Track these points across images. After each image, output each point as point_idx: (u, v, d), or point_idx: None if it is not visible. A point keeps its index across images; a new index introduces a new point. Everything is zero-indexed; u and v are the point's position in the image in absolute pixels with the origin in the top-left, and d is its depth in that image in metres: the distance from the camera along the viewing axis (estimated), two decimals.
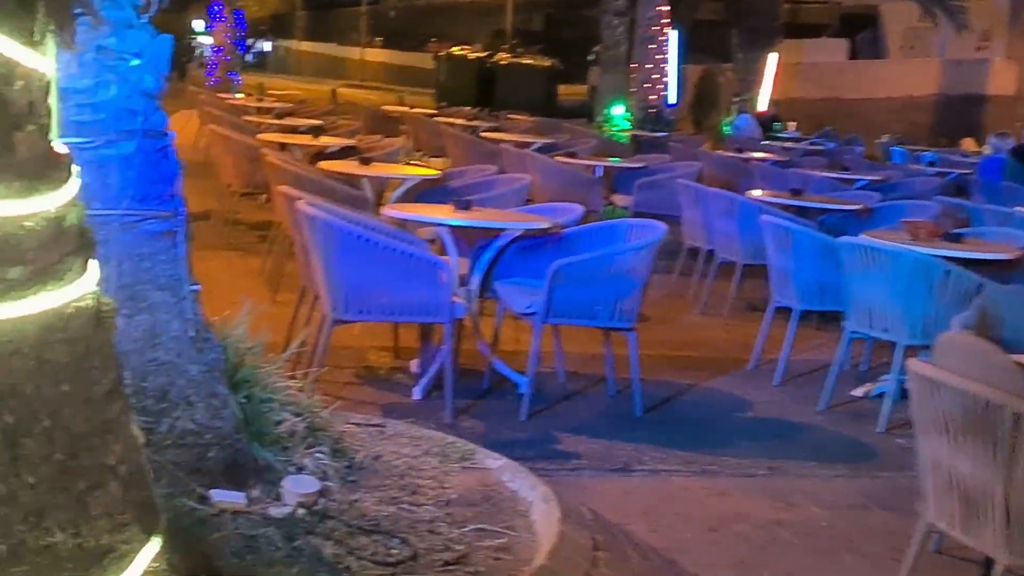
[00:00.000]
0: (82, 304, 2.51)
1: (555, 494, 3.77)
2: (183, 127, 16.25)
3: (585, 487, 4.80)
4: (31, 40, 2.35)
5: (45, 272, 2.43)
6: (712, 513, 4.68)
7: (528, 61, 28.01)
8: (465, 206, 6.06)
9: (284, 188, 6.33)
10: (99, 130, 3.42)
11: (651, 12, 16.64)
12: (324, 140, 10.28)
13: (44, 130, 2.44)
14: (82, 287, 2.52)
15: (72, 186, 2.50)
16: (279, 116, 13.06)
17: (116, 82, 3.40)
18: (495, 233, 6.01)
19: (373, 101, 24.27)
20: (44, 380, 2.45)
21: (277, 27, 46.49)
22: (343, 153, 9.87)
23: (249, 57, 38.70)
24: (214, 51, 21.58)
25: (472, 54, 28.76)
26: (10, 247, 2.36)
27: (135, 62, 3.43)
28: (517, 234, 6.03)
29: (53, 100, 2.51)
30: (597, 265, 5.67)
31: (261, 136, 10.27)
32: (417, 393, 5.82)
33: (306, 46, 47.39)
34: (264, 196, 10.71)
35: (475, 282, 5.94)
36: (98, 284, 2.61)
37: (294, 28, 46.91)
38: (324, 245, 5.35)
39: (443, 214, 5.98)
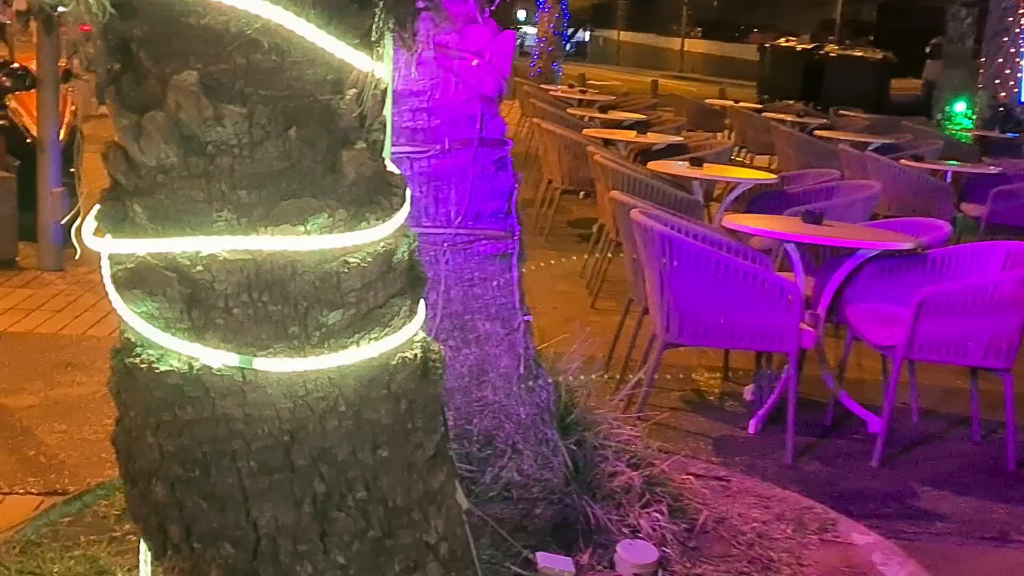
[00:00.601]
0: (408, 354, 2.11)
1: None
2: (504, 117, 16.23)
3: (954, 558, 4.11)
4: (367, 40, 1.96)
5: (369, 316, 2.04)
6: None
7: (859, 53, 26.53)
8: (816, 219, 5.42)
9: (616, 193, 5.89)
10: (433, 138, 3.05)
11: (1006, 3, 15.27)
12: (651, 137, 9.80)
13: (376, 147, 2.05)
14: (409, 333, 2.12)
15: (403, 213, 2.10)
16: (603, 110, 12.66)
17: (454, 84, 3.02)
18: (849, 251, 5.35)
19: (693, 93, 23.65)
20: (362, 444, 2.06)
21: (598, 16, 46.48)
22: (669, 151, 9.38)
23: (567, 47, 38.83)
24: (537, 41, 21.56)
25: (799, 46, 27.54)
26: (330, 287, 1.98)
27: (475, 62, 3.04)
28: (873, 254, 5.34)
29: (387, 110, 2.12)
30: (971, 295, 4.91)
31: (586, 131, 9.90)
32: (752, 427, 5.25)
33: (625, 36, 47.16)
34: (582, 192, 10.37)
35: (823, 306, 5.30)
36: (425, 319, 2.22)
37: (615, 17, 46.71)
38: (659, 260, 4.86)
39: (790, 228, 5.36)
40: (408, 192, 2.12)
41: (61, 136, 7.38)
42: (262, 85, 1.92)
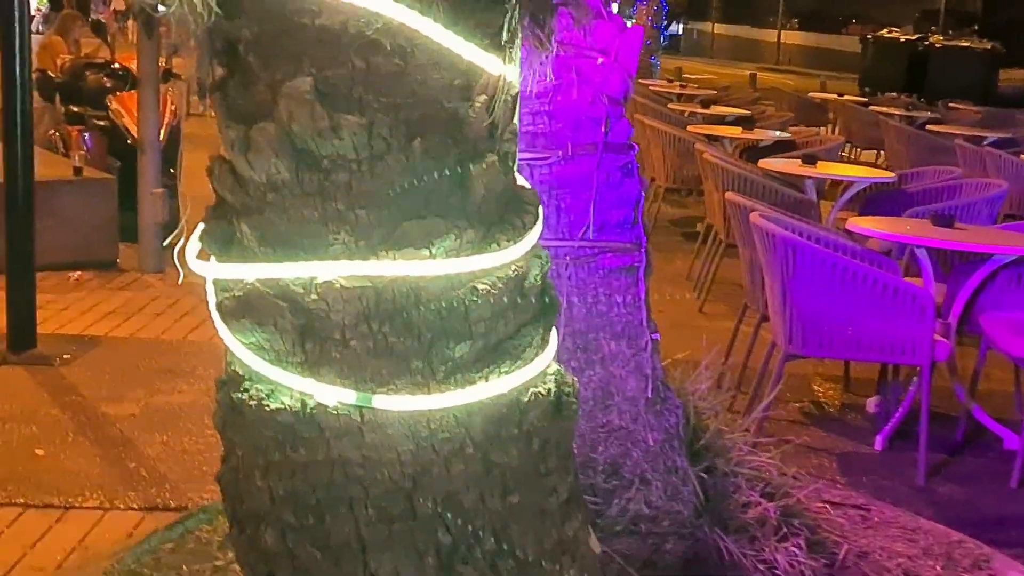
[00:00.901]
0: (541, 389, 1.89)
1: None
2: None
3: None
4: (497, 41, 1.75)
5: (498, 348, 1.82)
6: None
7: (965, 44, 25.77)
8: (946, 222, 5.10)
9: (732, 195, 5.62)
10: (554, 143, 2.84)
11: None
12: (757, 133, 9.48)
13: (507, 159, 1.83)
14: (541, 365, 1.91)
15: (536, 232, 1.89)
16: (704, 104, 12.35)
17: (577, 84, 2.80)
18: (980, 256, 5.02)
19: (791, 86, 23.10)
20: (490, 489, 1.85)
21: (692, 9, 45.95)
22: (775, 147, 9.06)
23: (663, 40, 38.31)
24: None
25: (903, 37, 26.85)
26: (457, 317, 1.77)
27: (600, 60, 2.81)
28: (1010, 259, 5.01)
29: (516, 118, 1.91)
30: None
31: (690, 128, 9.61)
32: (878, 443, 4.95)
33: (720, 28, 46.57)
34: (684, 190, 10.08)
35: (955, 315, 4.98)
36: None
37: (709, 9, 46.15)
38: (782, 266, 4.59)
39: (920, 231, 5.05)
40: (540, 209, 1.91)
41: (161, 137, 7.32)
42: (383, 92, 1.72)
